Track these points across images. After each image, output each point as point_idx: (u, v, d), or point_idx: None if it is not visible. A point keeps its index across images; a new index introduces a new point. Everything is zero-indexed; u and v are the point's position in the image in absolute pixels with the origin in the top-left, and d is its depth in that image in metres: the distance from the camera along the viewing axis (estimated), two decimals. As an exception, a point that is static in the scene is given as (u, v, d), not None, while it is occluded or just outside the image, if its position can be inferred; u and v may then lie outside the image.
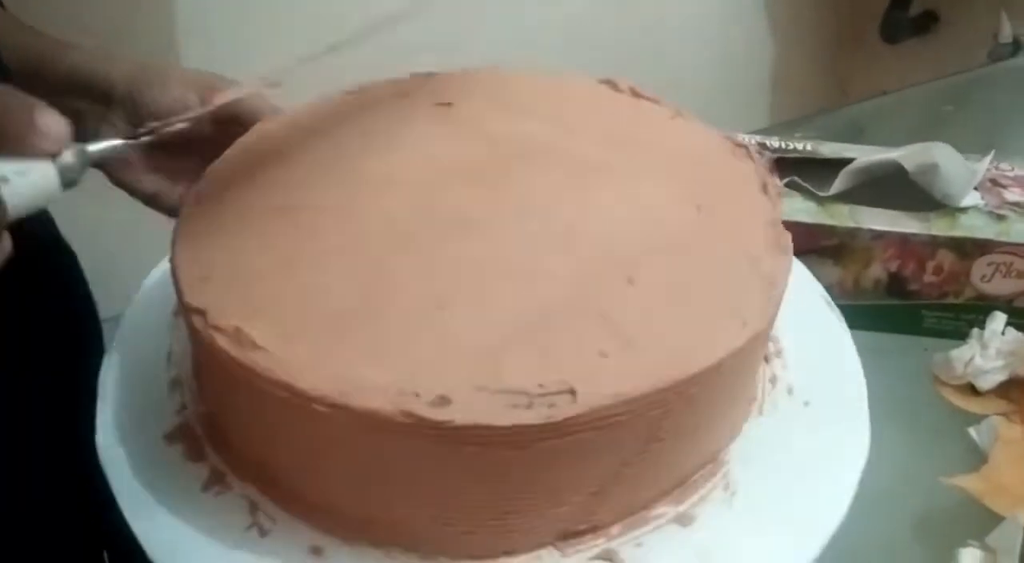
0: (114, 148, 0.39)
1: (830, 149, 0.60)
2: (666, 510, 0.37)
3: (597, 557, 0.36)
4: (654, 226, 0.40)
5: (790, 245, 0.40)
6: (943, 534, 0.49)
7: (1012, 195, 0.57)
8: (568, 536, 0.36)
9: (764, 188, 0.43)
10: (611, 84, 0.50)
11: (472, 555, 0.36)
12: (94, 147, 0.37)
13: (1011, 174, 0.58)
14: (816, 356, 0.44)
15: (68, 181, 0.35)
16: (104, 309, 0.57)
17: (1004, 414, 0.54)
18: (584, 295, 0.36)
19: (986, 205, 0.56)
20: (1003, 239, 0.54)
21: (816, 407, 0.42)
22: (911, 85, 0.79)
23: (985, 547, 0.46)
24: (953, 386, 0.56)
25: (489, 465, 0.33)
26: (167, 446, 0.41)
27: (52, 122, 0.34)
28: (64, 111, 0.47)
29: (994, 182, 0.58)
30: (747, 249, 0.39)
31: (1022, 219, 0.55)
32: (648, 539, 0.36)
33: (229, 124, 0.47)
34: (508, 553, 0.36)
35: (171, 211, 0.49)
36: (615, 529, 0.36)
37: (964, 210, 0.56)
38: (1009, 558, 0.45)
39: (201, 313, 0.37)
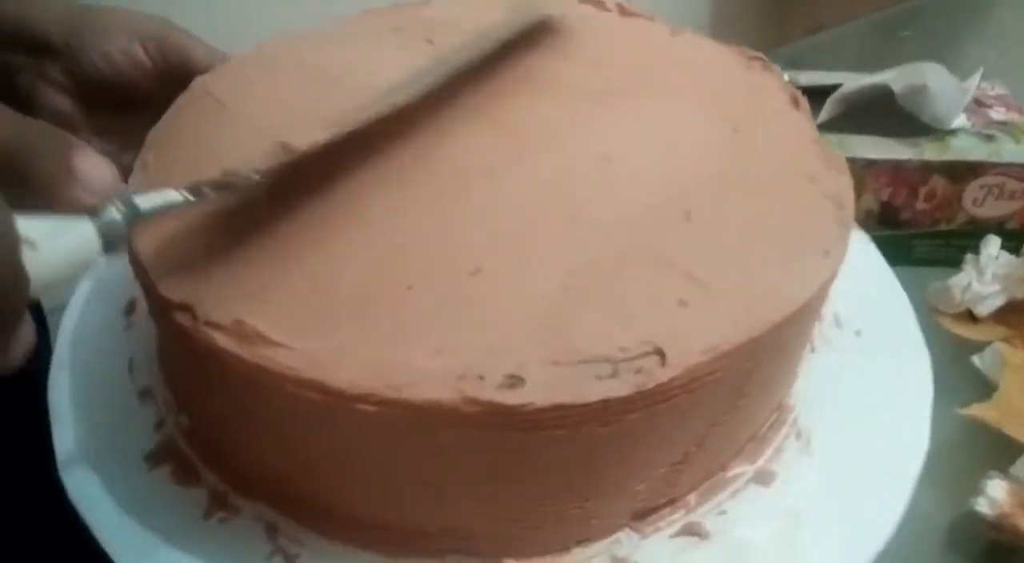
0: (171, 205, 0.30)
1: (807, 78, 0.58)
2: (743, 469, 0.34)
3: (681, 532, 0.32)
4: (695, 152, 0.36)
5: (844, 161, 0.37)
6: (961, 467, 0.47)
7: (997, 114, 0.56)
8: (645, 514, 0.33)
9: (795, 102, 0.40)
10: (596, 3, 0.46)
11: (544, 551, 0.32)
12: (146, 200, 0.29)
13: (993, 93, 0.58)
14: (854, 281, 0.42)
15: (111, 244, 0.27)
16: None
17: (1005, 339, 0.54)
18: (640, 238, 0.32)
19: (973, 126, 0.55)
20: (995, 160, 0.54)
21: (868, 337, 0.40)
22: (848, 19, 0.78)
23: (1010, 477, 0.45)
24: (951, 315, 0.55)
25: (570, 448, 0.29)
26: (150, 470, 0.35)
27: (95, 168, 0.28)
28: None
29: (979, 102, 0.57)
30: (802, 170, 0.36)
31: (1011, 139, 0.55)
32: (731, 505, 0.33)
33: (183, 80, 0.41)
34: (582, 542, 0.32)
35: (124, 174, 0.44)
36: (692, 499, 0.33)
37: (953, 132, 0.55)
38: (1038, 487, 0.44)
39: (187, 308, 0.31)
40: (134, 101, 0.43)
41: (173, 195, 0.30)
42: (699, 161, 0.36)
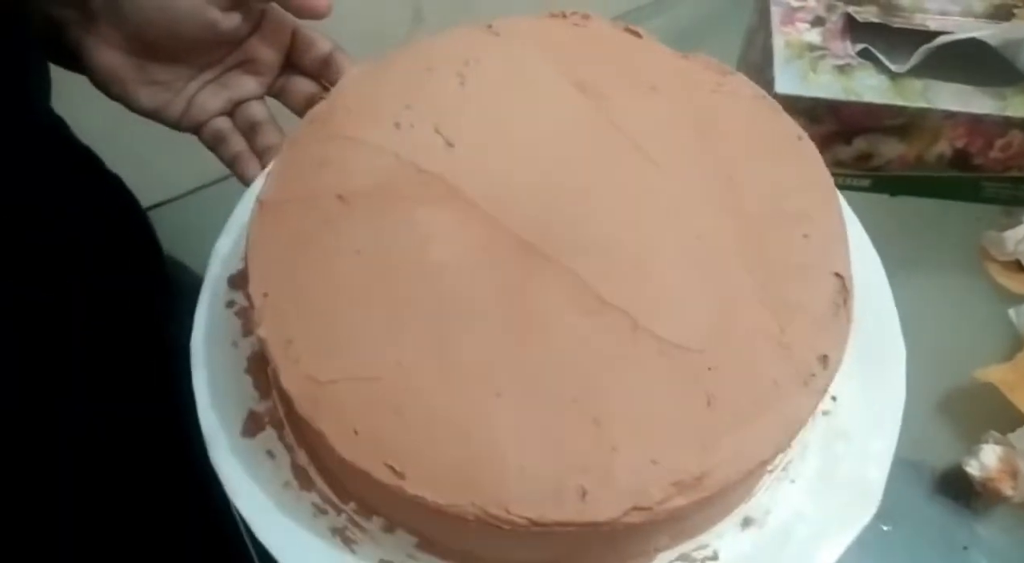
0: None
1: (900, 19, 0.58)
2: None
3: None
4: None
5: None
6: (968, 419, 0.54)
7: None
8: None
9: None
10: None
11: None
12: None
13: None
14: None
15: None
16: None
17: (1045, 295, 0.59)
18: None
19: (1070, 79, 0.56)
20: (1077, 121, 0.56)
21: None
22: None
23: (1006, 442, 0.51)
24: (1000, 262, 0.60)
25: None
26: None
27: None
28: (48, 22, 0.44)
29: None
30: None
31: (1101, 98, 0.56)
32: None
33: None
34: None
35: (176, 124, 0.48)
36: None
37: (1045, 85, 0.56)
38: (1028, 460, 0.50)
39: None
40: (182, 53, 0.46)
41: None
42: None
